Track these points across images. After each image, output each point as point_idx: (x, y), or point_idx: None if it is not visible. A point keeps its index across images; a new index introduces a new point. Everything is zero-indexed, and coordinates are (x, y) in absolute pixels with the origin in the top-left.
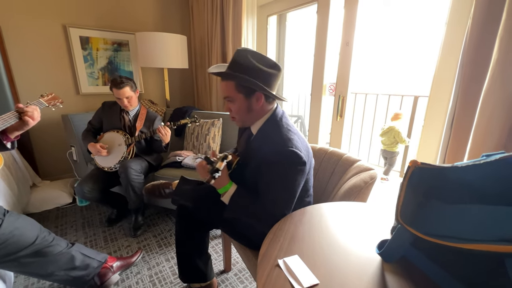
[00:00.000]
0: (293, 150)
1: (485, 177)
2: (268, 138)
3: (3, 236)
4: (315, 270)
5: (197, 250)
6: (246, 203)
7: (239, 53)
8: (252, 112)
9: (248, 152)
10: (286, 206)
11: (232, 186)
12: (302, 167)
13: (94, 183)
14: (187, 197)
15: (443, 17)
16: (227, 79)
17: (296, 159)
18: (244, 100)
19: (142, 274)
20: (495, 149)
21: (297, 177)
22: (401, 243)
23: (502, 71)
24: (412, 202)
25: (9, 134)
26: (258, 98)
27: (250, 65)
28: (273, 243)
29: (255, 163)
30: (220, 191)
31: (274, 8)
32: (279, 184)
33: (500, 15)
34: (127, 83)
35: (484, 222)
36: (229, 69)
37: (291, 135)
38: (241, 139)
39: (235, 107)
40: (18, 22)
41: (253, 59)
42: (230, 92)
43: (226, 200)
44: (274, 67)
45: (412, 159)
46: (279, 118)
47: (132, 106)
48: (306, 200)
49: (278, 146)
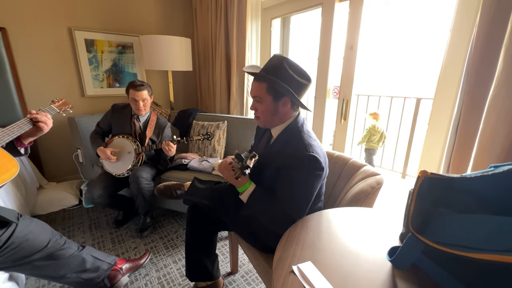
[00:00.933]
0: (313, 155)
1: (493, 188)
2: (289, 143)
3: (18, 239)
4: (329, 277)
5: (206, 249)
6: (263, 203)
7: (276, 58)
8: (277, 115)
9: (268, 154)
10: (301, 208)
11: (252, 185)
12: (320, 172)
13: (103, 188)
14: (204, 196)
15: (448, 21)
16: (260, 81)
17: (316, 164)
18: (271, 102)
19: (151, 276)
20: (500, 157)
21: (314, 181)
22: (412, 251)
23: (507, 80)
24: (422, 211)
25: (23, 140)
26: (285, 103)
27: (284, 72)
28: (286, 249)
29: (274, 166)
30: (240, 190)
31: (278, 11)
32: (298, 187)
33: (506, 25)
34: (145, 86)
35: (492, 232)
36: (264, 71)
37: (312, 141)
38: (260, 142)
39: (262, 108)
40: (24, 25)
41: (287, 66)
42: (260, 92)
43: (244, 198)
44: (306, 78)
45: (422, 170)
46: (300, 125)
47: (145, 111)
48: (318, 205)
49: (299, 151)
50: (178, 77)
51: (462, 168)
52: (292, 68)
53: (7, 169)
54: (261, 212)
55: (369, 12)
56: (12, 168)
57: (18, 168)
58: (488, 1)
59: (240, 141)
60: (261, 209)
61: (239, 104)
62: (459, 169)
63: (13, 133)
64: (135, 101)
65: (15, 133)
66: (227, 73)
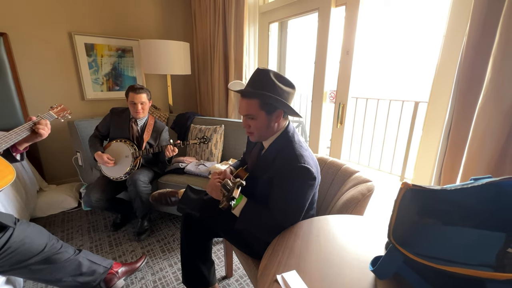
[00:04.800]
0: (305, 166)
1: (471, 200)
2: (281, 153)
3: (15, 244)
4: (312, 286)
5: (201, 256)
6: (256, 215)
7: (261, 72)
8: (270, 128)
9: (259, 165)
10: (295, 218)
11: (243, 199)
12: (312, 182)
13: (101, 192)
14: (194, 207)
15: (442, 27)
16: (251, 97)
17: (308, 174)
18: (265, 117)
19: (146, 280)
20: (489, 165)
21: (307, 191)
22: (393, 261)
23: (495, 89)
24: (405, 221)
25: (18, 146)
26: (278, 115)
27: (273, 84)
28: (272, 257)
29: (266, 176)
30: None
31: (275, 15)
32: (290, 197)
33: (494, 35)
34: (145, 90)
35: (468, 245)
36: (251, 88)
37: (303, 151)
38: (252, 152)
39: (256, 124)
40: (25, 30)
41: (274, 78)
42: (253, 110)
43: (237, 213)
44: (292, 86)
45: (404, 181)
46: (291, 134)
47: (143, 114)
48: (310, 213)
49: (291, 161)
50: (178, 81)
51: (454, 175)
52: (278, 79)
53: (4, 175)
54: (254, 225)
55: (365, 17)
56: (8, 175)
57: (15, 174)
58: (477, 12)
59: (237, 145)
60: (254, 222)
61: (237, 108)
62: (451, 176)
63: (10, 140)
64: (134, 104)
65: (13, 139)
66: (225, 77)
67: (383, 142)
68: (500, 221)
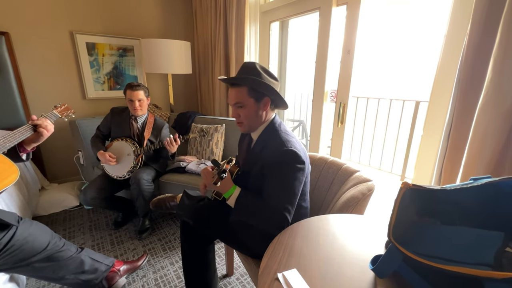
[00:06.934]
0: (291, 149)
1: (472, 200)
2: (268, 142)
3: (18, 242)
4: (312, 284)
5: (203, 263)
6: (251, 203)
7: (248, 64)
8: (258, 116)
9: (250, 158)
10: (289, 201)
11: (237, 189)
12: (301, 166)
13: (97, 190)
14: (188, 215)
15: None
16: (240, 85)
17: (295, 157)
18: (254, 105)
19: (148, 278)
20: (489, 165)
21: (297, 174)
22: (393, 260)
23: (496, 89)
24: (405, 221)
25: (26, 145)
26: (266, 103)
27: (258, 73)
28: (273, 256)
29: (257, 168)
30: (226, 195)
31: (276, 14)
32: (281, 182)
33: (495, 35)
34: (142, 87)
35: (467, 244)
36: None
37: (289, 137)
38: (242, 148)
39: (245, 112)
40: (27, 30)
41: (260, 69)
42: (242, 97)
43: (231, 203)
44: (275, 78)
45: (404, 181)
46: (277, 125)
47: (142, 111)
48: (303, 206)
49: (278, 147)
50: (179, 80)
51: (454, 175)
52: (263, 70)
53: (8, 174)
54: (250, 214)
55: (366, 16)
56: (12, 174)
57: (18, 173)
58: (478, 12)
59: (237, 144)
60: (249, 211)
61: None
62: (451, 176)
63: (14, 139)
64: (131, 101)
65: (17, 139)
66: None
67: (384, 142)
68: (499, 221)
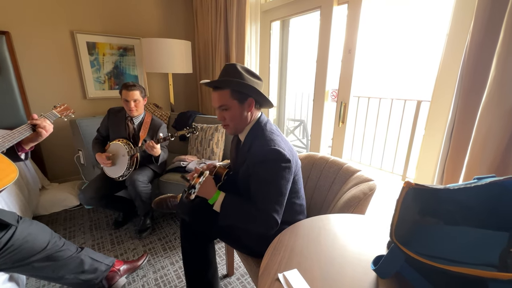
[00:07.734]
0: (275, 148)
1: (476, 200)
2: (253, 142)
3: (18, 241)
4: (314, 285)
5: (204, 262)
6: (238, 207)
7: (228, 66)
8: (244, 118)
9: (239, 159)
10: (276, 201)
11: (220, 194)
12: (286, 164)
13: (95, 190)
14: (184, 212)
15: (445, 26)
16: (223, 87)
17: (279, 156)
18: (238, 106)
19: (148, 278)
20: (492, 166)
21: (283, 173)
22: (395, 260)
23: (499, 88)
24: (407, 220)
25: (24, 145)
26: (250, 103)
27: (240, 74)
28: (273, 256)
29: (244, 167)
30: (210, 202)
31: (277, 13)
32: (267, 181)
33: (498, 34)
34: (138, 87)
35: (471, 245)
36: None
37: (274, 136)
38: (231, 149)
39: (230, 115)
40: (27, 29)
41: (241, 69)
42: (225, 100)
43: (217, 208)
44: (258, 78)
45: (407, 180)
46: (263, 124)
47: (137, 112)
48: (297, 203)
49: (262, 146)
50: (179, 79)
51: (456, 175)
52: (244, 70)
53: (7, 174)
54: (236, 218)
55: (367, 15)
56: (11, 173)
57: (17, 173)
58: (481, 10)
59: None
60: (235, 214)
61: None
62: (454, 176)
63: (13, 139)
64: (127, 102)
65: (16, 138)
66: None
67: (385, 141)
68: (504, 221)
